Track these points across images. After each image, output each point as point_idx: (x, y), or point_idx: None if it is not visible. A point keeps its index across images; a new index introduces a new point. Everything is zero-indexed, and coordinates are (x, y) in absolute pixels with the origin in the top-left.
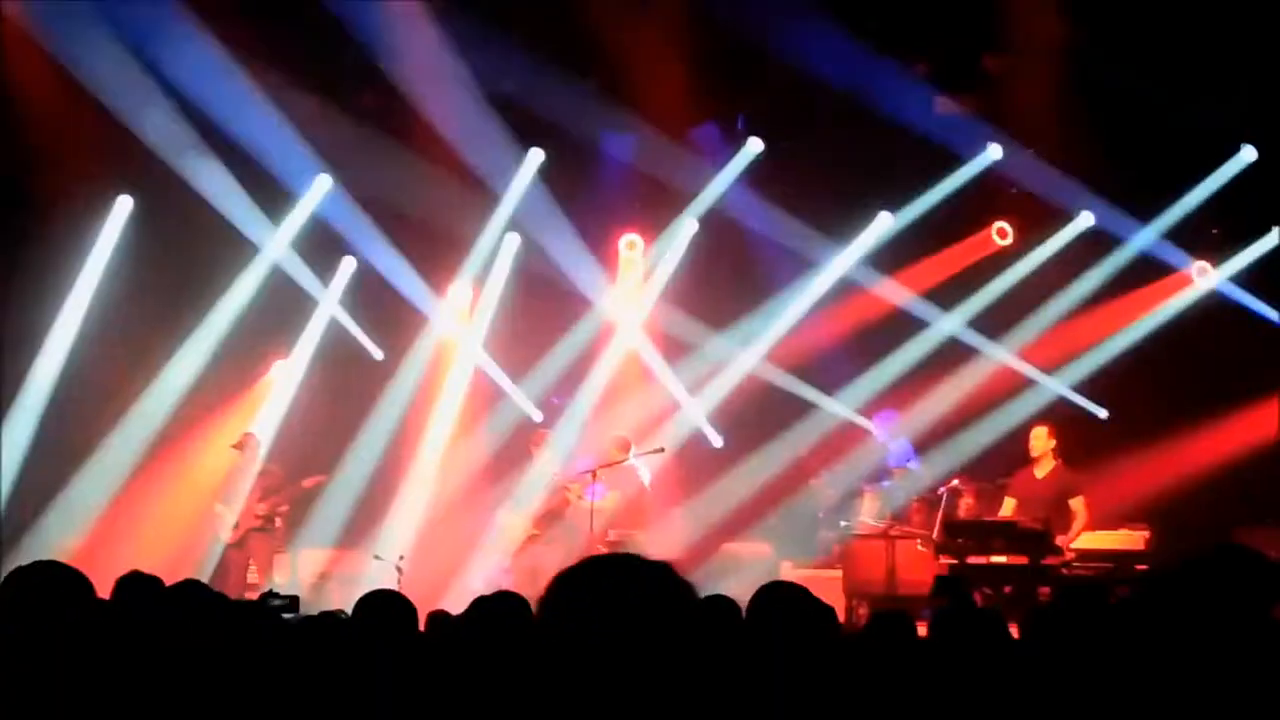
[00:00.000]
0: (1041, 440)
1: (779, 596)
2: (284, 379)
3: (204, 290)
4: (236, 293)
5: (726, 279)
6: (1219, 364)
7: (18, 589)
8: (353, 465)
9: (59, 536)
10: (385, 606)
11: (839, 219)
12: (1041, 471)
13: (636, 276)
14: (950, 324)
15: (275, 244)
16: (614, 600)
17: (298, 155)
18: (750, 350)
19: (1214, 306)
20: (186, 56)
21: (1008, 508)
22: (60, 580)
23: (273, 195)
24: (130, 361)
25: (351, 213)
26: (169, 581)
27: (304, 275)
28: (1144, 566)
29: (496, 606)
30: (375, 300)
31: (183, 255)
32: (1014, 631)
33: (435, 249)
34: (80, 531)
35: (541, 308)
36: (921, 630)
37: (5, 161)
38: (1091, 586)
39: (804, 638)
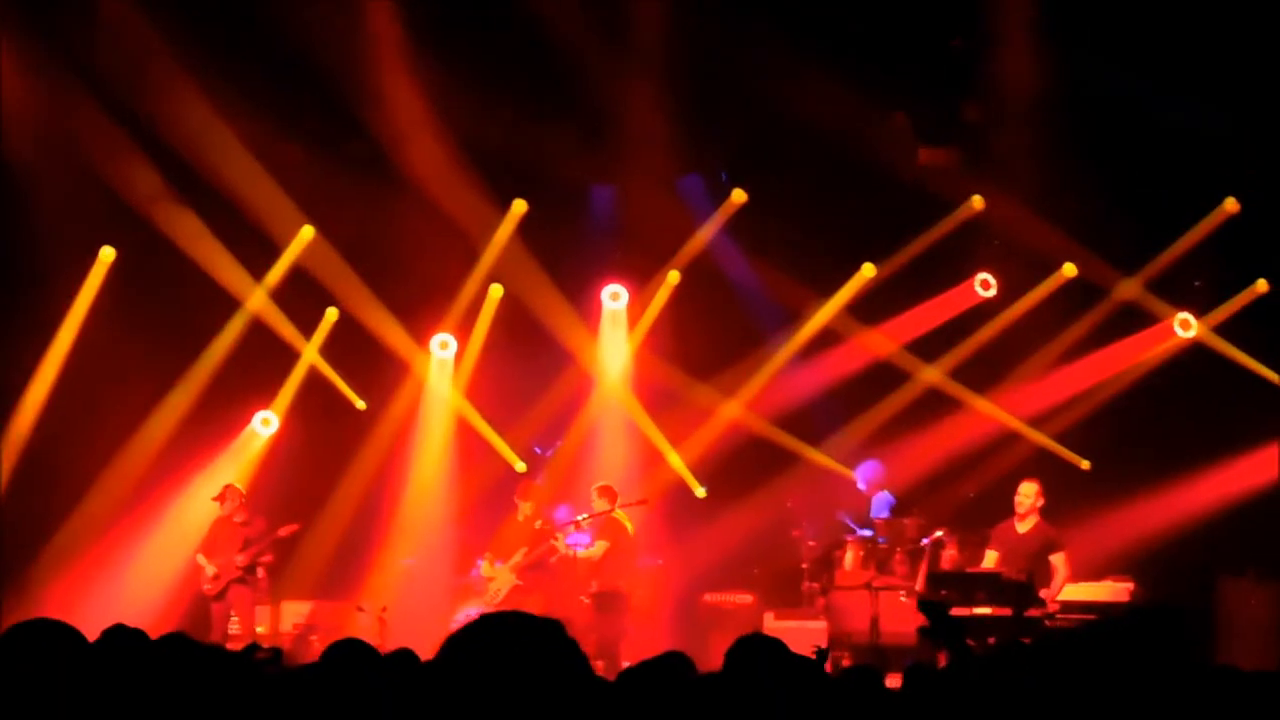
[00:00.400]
0: (1030, 497)
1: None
2: (265, 429)
3: (186, 340)
4: (219, 343)
5: (709, 329)
6: (1202, 415)
7: (19, 645)
8: (335, 516)
9: (40, 588)
10: (351, 655)
11: (822, 270)
12: (1024, 526)
13: (620, 327)
14: (933, 375)
15: (258, 294)
16: (502, 661)
17: (281, 205)
18: (733, 400)
19: (1197, 357)
20: (170, 107)
21: (990, 560)
22: (59, 637)
23: (256, 245)
24: (111, 412)
25: (334, 262)
26: (152, 634)
27: (286, 325)
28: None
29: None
30: (358, 350)
31: (165, 305)
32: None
33: (418, 299)
34: (60, 581)
35: (524, 358)
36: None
37: None
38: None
39: (789, 688)
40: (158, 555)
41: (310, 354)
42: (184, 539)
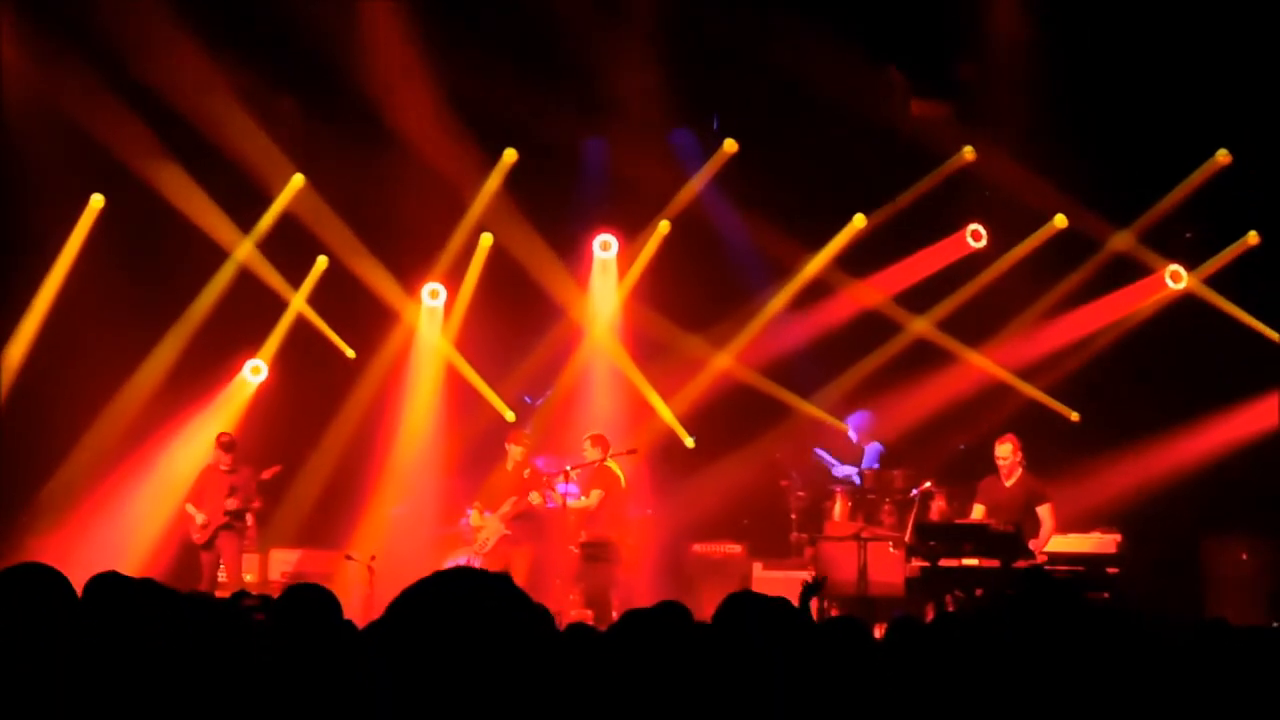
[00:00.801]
0: (1008, 455)
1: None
2: (255, 378)
3: (176, 290)
4: (208, 292)
5: (699, 280)
6: (1192, 368)
7: (7, 589)
8: (324, 465)
9: (30, 536)
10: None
11: (813, 221)
12: (1009, 480)
13: (610, 276)
14: (923, 327)
15: (246, 244)
16: (453, 616)
17: (271, 156)
18: (723, 351)
19: (1187, 310)
20: (161, 60)
21: (977, 514)
22: (45, 583)
23: (245, 196)
24: (100, 360)
25: (324, 212)
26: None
27: (275, 275)
28: (1115, 570)
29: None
30: (348, 299)
31: (154, 256)
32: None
33: (408, 249)
34: (51, 531)
35: (514, 307)
36: None
37: None
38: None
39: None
40: (147, 504)
41: (299, 303)
42: (173, 488)
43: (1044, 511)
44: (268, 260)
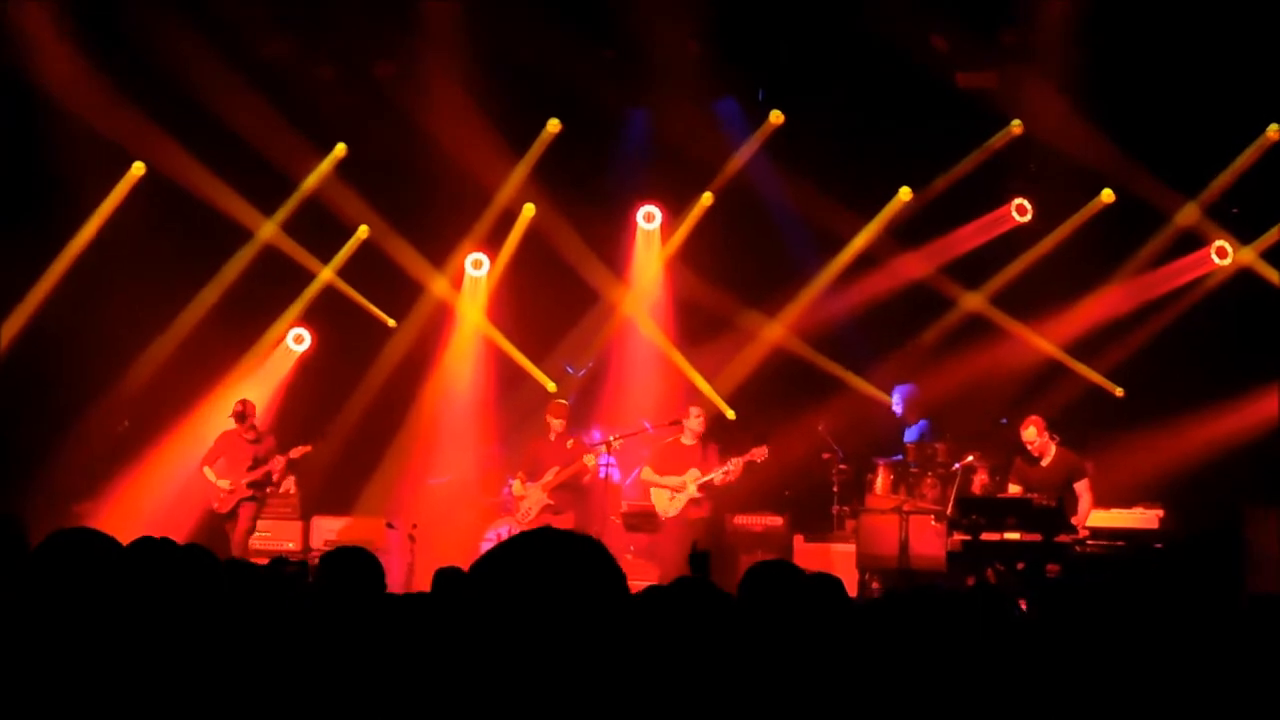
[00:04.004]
0: (1033, 435)
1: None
2: (298, 346)
3: (214, 256)
4: (243, 260)
5: (744, 252)
6: (1236, 343)
7: (60, 551)
8: (366, 433)
9: (72, 501)
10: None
11: (858, 194)
12: (1045, 459)
13: (653, 248)
14: (968, 300)
15: (287, 212)
16: (541, 578)
17: (312, 124)
18: (767, 323)
19: (1232, 285)
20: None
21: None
22: (96, 546)
23: (287, 163)
24: (135, 324)
25: (367, 180)
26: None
27: (317, 244)
28: (1158, 545)
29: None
30: (389, 269)
31: (192, 220)
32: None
33: (451, 218)
34: (93, 497)
35: (558, 278)
36: None
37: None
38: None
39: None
40: (176, 470)
41: (333, 272)
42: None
43: (1081, 487)
44: (306, 229)
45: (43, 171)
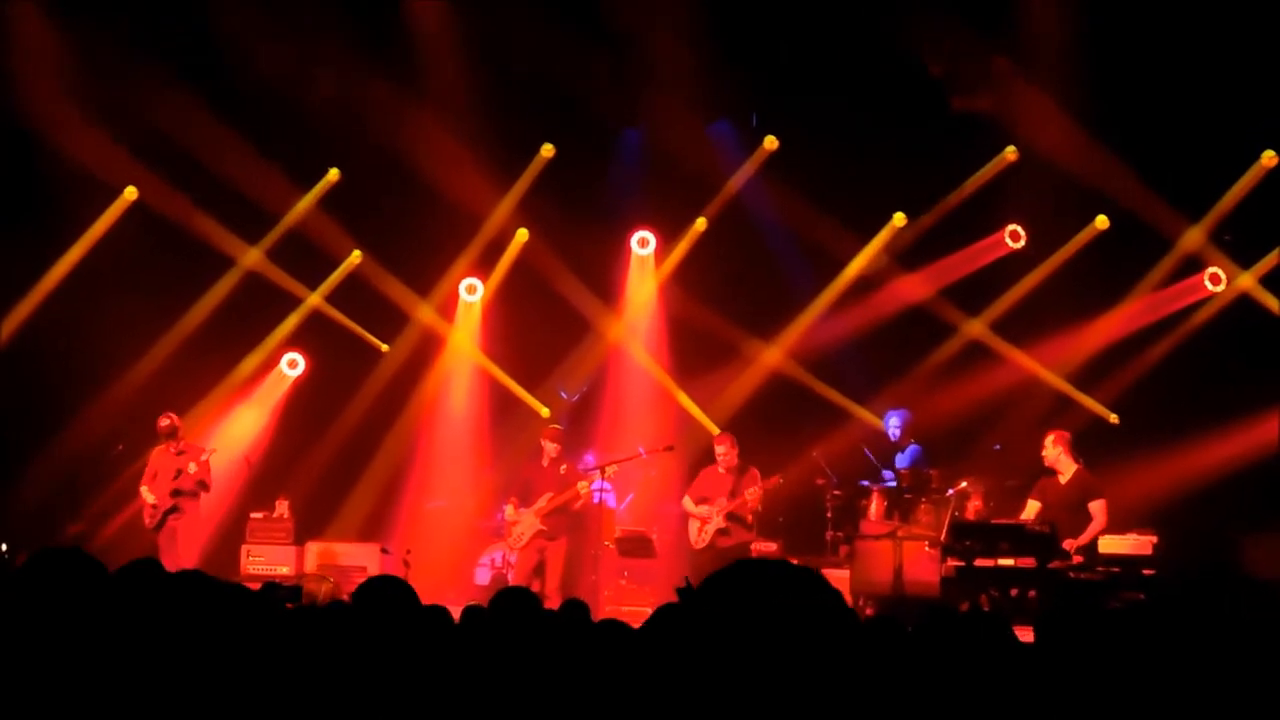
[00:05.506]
0: (1048, 446)
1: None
2: (292, 371)
3: (203, 281)
4: (229, 285)
5: (737, 276)
6: (1230, 370)
7: (43, 571)
8: (360, 458)
9: (69, 523)
10: (385, 592)
11: (852, 219)
12: (1065, 476)
13: (647, 273)
14: (961, 326)
15: (276, 236)
16: (763, 607)
17: (306, 146)
18: (760, 347)
19: (1227, 312)
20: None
21: (1030, 511)
22: (81, 566)
23: (278, 187)
24: (119, 341)
25: (359, 204)
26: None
27: (308, 269)
28: (1151, 571)
29: (512, 602)
30: (381, 294)
31: (181, 246)
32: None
33: (445, 243)
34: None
35: (552, 302)
36: None
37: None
38: (1090, 590)
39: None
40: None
41: (321, 298)
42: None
43: (1096, 507)
44: (297, 255)
45: (32, 193)
